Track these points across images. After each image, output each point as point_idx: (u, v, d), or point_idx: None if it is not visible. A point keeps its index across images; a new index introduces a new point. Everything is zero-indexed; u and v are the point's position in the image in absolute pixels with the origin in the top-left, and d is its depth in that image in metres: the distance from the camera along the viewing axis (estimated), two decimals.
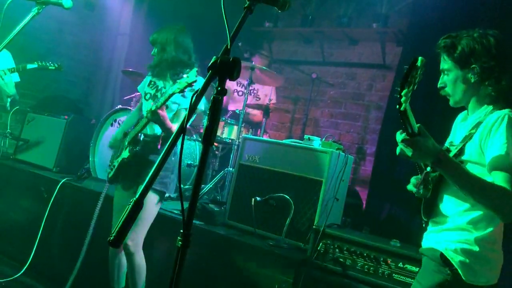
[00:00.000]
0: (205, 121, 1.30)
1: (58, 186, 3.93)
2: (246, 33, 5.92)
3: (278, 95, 5.87)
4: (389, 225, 4.19)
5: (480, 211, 1.83)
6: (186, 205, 1.25)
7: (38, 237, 3.82)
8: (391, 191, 4.29)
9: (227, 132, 4.68)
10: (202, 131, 4.86)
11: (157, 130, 3.03)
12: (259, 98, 5.59)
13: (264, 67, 4.81)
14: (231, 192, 3.50)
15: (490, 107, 1.93)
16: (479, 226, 1.84)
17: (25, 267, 3.75)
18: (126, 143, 3.03)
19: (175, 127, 2.93)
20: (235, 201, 3.44)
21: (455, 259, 1.82)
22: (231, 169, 4.20)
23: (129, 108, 4.55)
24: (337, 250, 2.76)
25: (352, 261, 2.69)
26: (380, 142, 4.91)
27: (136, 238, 2.90)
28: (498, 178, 1.72)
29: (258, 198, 3.13)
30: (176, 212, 3.50)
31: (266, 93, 5.58)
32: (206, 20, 5.14)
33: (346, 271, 2.69)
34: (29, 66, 3.80)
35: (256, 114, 5.39)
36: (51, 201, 3.89)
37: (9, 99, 3.75)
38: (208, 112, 1.31)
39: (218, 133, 4.59)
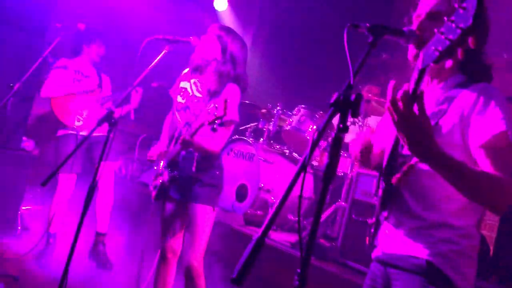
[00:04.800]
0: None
1: None
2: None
3: None
4: None
5: (462, 199, 1.48)
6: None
7: None
8: None
9: (339, 165, 4.60)
10: (313, 162, 4.84)
11: None
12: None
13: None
14: (343, 228, 3.40)
15: (461, 77, 1.57)
16: (462, 218, 1.52)
17: None
18: (166, 164, 2.86)
19: (211, 146, 2.73)
20: (348, 238, 3.33)
21: (446, 265, 1.48)
22: (343, 203, 4.09)
23: (245, 138, 4.70)
24: None
25: None
26: None
27: (199, 259, 2.77)
28: (489, 163, 1.41)
29: None
30: (285, 244, 3.49)
31: (377, 120, 5.41)
32: (325, 55, 5.19)
33: None
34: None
35: None
36: None
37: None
38: (328, 149, 1.28)
39: None
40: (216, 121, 2.48)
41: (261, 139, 4.96)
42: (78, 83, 4.32)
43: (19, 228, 4.38)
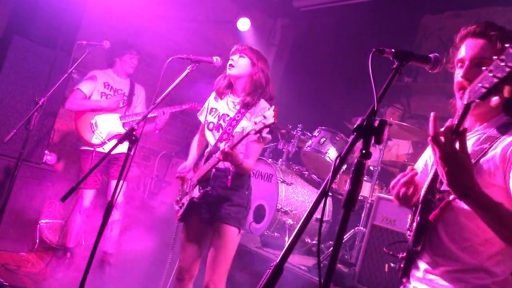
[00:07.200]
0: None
1: None
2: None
3: (418, 152, 5.55)
4: None
5: (497, 244, 1.47)
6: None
7: None
8: None
9: None
10: (332, 185, 4.78)
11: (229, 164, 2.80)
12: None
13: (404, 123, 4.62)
14: (361, 253, 3.32)
15: (505, 118, 1.55)
16: (501, 265, 1.49)
17: None
18: (196, 181, 2.86)
19: (246, 163, 2.75)
20: (366, 264, 3.25)
21: None
22: (362, 228, 4.01)
23: (264, 158, 4.68)
24: None
25: None
26: None
27: (220, 282, 2.75)
28: None
29: (392, 264, 2.91)
30: (301, 268, 3.43)
31: (398, 143, 5.34)
32: (348, 76, 5.17)
33: None
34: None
35: (391, 171, 5.15)
36: None
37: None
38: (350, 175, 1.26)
39: None
40: (264, 130, 2.51)
41: (280, 159, 4.93)
42: (105, 98, 4.34)
43: (37, 241, 4.41)
